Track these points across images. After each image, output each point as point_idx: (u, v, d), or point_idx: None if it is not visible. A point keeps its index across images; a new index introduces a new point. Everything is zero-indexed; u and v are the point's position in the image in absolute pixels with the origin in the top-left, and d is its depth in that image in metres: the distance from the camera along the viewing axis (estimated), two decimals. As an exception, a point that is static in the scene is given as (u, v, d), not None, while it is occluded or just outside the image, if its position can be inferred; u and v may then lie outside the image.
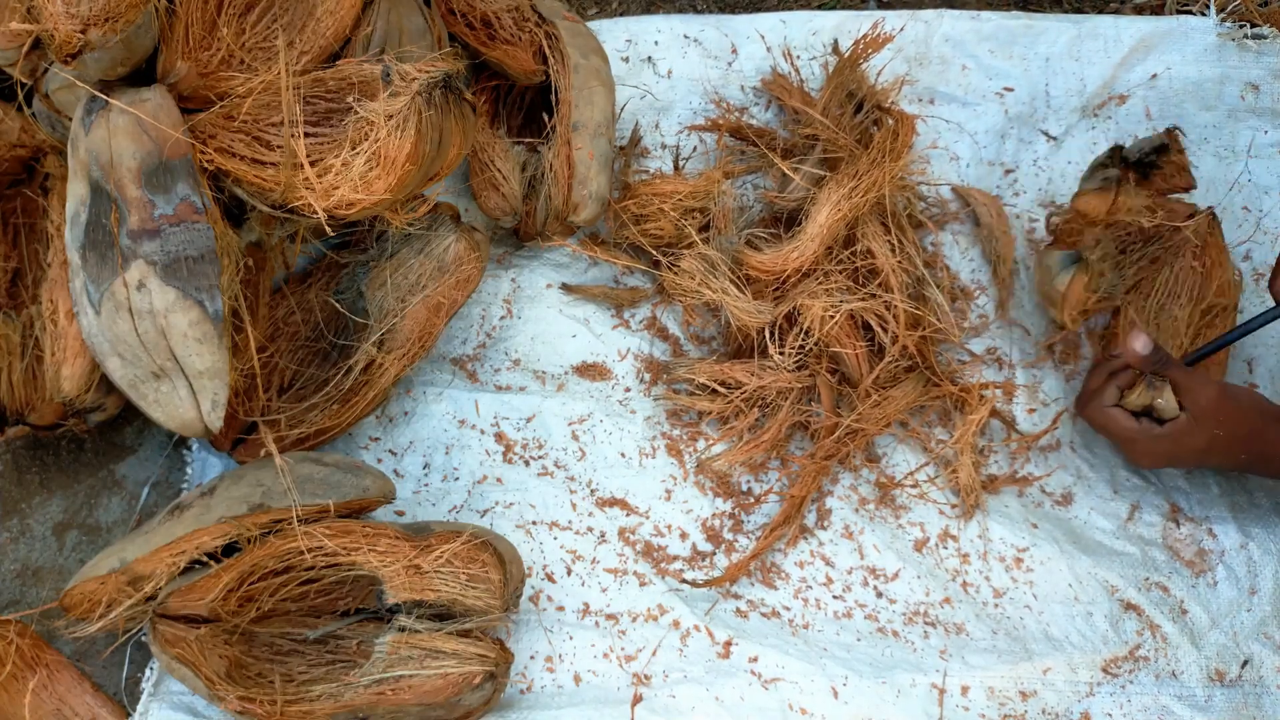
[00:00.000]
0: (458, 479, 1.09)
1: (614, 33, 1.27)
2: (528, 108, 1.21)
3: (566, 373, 1.14)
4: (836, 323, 1.07)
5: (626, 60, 1.26)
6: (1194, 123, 1.25)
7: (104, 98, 0.88)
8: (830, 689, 1.00)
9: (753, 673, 1.00)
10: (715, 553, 1.06)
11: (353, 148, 0.89)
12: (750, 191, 1.21)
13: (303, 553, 0.93)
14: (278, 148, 0.91)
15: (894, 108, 1.17)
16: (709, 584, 1.04)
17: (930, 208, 1.21)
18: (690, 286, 1.09)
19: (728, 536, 1.07)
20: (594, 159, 1.11)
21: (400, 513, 1.07)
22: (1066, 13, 1.35)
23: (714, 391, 1.09)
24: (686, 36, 1.27)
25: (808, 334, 1.08)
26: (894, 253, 1.10)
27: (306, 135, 0.91)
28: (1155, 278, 1.12)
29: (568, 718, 0.97)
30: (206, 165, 0.91)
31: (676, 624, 1.02)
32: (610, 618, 1.03)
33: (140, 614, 0.94)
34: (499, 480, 1.09)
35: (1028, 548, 1.06)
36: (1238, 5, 1.28)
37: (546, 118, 1.13)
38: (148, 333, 0.89)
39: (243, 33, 0.97)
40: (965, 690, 1.00)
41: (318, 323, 1.08)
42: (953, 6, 1.30)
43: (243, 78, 0.95)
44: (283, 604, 0.96)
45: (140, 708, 0.98)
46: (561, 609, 1.03)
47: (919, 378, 1.11)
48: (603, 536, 1.07)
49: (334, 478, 0.95)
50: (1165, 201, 1.12)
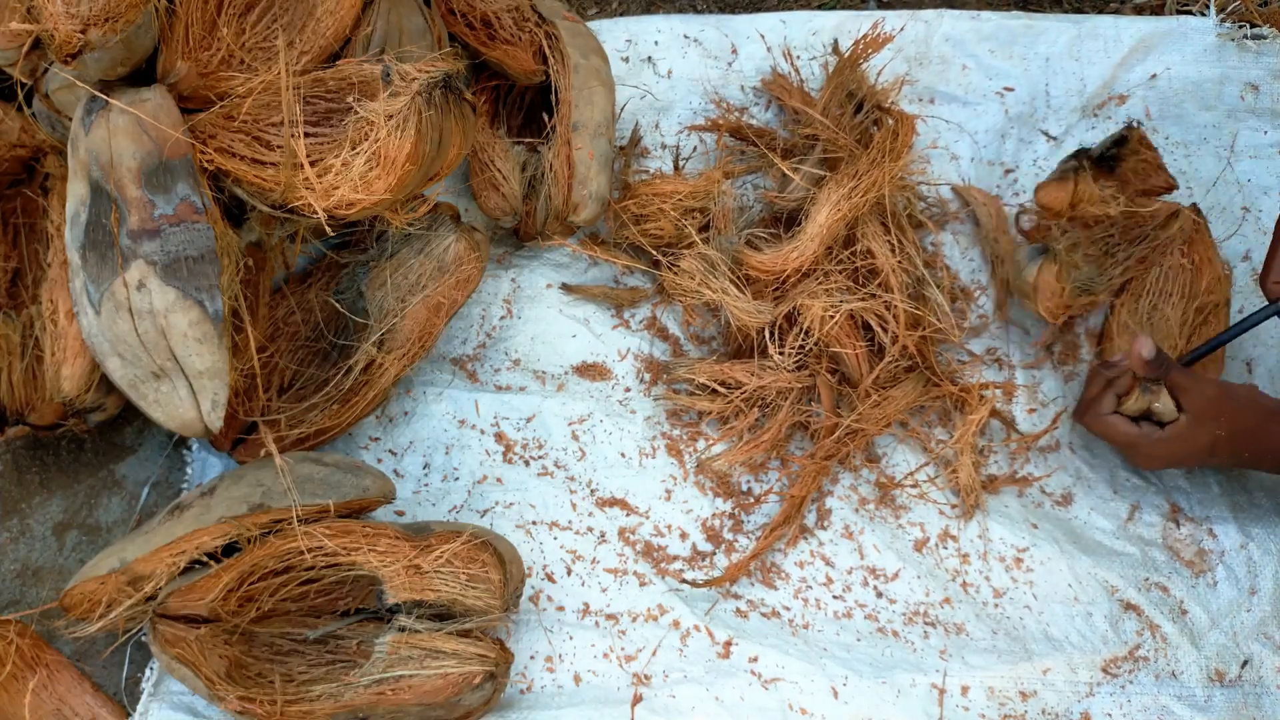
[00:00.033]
0: (458, 479, 1.08)
1: (614, 33, 1.27)
2: (528, 108, 1.21)
3: (566, 373, 1.13)
4: (836, 323, 1.07)
5: (626, 60, 1.26)
6: (1194, 123, 1.25)
7: (104, 98, 0.88)
8: (830, 689, 1.00)
9: (753, 673, 1.00)
10: (715, 553, 1.06)
11: (353, 148, 0.89)
12: (750, 191, 1.21)
13: (303, 553, 0.93)
14: (278, 148, 0.91)
15: (894, 108, 1.17)
16: (709, 584, 1.04)
17: (930, 208, 1.21)
18: (690, 286, 1.09)
19: (728, 536, 1.07)
20: (594, 159, 1.11)
21: (400, 513, 1.07)
22: (1066, 13, 1.35)
23: (714, 391, 1.09)
24: (686, 36, 1.27)
25: (808, 334, 1.08)
26: (894, 253, 1.10)
27: (306, 135, 0.91)
28: (1145, 278, 1.12)
29: (568, 718, 0.97)
30: (206, 165, 0.91)
31: (676, 624, 1.02)
32: (610, 618, 1.03)
33: (140, 614, 0.94)
34: (499, 480, 1.09)
35: (1028, 548, 1.06)
36: (1237, 5, 1.28)
37: (546, 118, 1.13)
38: (148, 333, 0.89)
39: (243, 33, 0.97)
40: (965, 690, 1.00)
41: (318, 323, 1.08)
42: (953, 6, 1.30)
43: (243, 78, 0.95)
44: (283, 604, 0.96)
45: (140, 708, 0.98)
46: (561, 609, 1.03)
47: (919, 378, 1.11)
48: (603, 536, 1.07)
49: (334, 478, 0.95)
50: (1148, 202, 1.13)
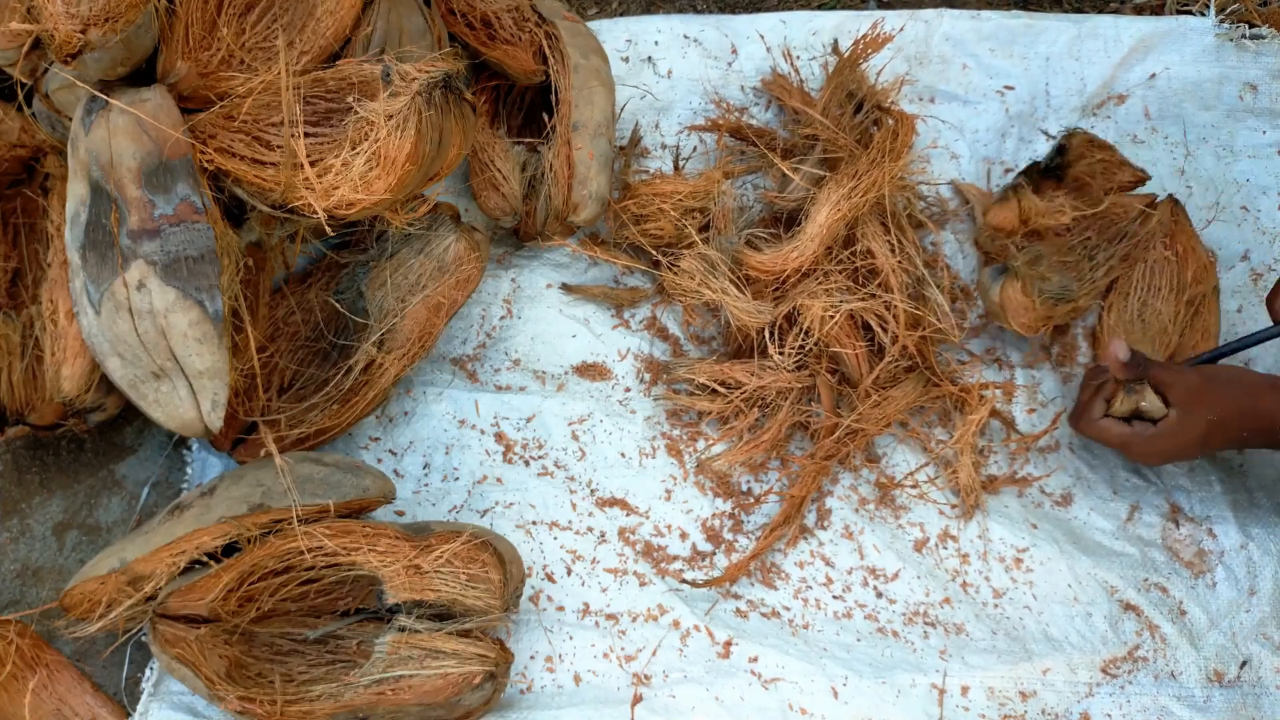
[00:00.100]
0: (458, 479, 1.08)
1: (614, 33, 1.27)
2: (528, 108, 1.21)
3: (566, 373, 1.13)
4: (836, 323, 1.07)
5: (626, 60, 1.26)
6: (1193, 122, 1.25)
7: (104, 98, 0.88)
8: (830, 689, 1.00)
9: (753, 673, 1.00)
10: (715, 553, 1.06)
11: (353, 148, 0.89)
12: (750, 191, 1.21)
13: (303, 553, 0.93)
14: (278, 148, 0.91)
15: (894, 107, 1.17)
16: (709, 584, 1.04)
17: (930, 207, 1.21)
18: (690, 286, 1.09)
19: (728, 536, 1.07)
20: (594, 159, 1.10)
21: (400, 513, 1.07)
22: (1067, 12, 1.35)
23: (714, 391, 1.09)
24: (686, 36, 1.27)
25: (808, 334, 1.08)
26: (894, 253, 1.10)
27: (306, 135, 0.91)
28: (1130, 275, 1.12)
29: (568, 718, 0.97)
30: (206, 165, 0.91)
31: (676, 624, 1.02)
32: (610, 618, 1.03)
33: (140, 614, 0.94)
34: (499, 480, 1.09)
35: (1027, 548, 1.06)
36: (1237, 6, 1.29)
37: (546, 118, 1.13)
38: (148, 333, 0.89)
39: (243, 33, 0.97)
40: (965, 690, 1.00)
41: (318, 323, 1.08)
42: (953, 6, 1.30)
43: (243, 78, 0.95)
44: (283, 604, 0.96)
45: (140, 708, 0.98)
46: (561, 609, 1.03)
47: (919, 378, 1.11)
48: (603, 536, 1.07)
49: (334, 478, 0.95)
50: (1123, 199, 1.13)
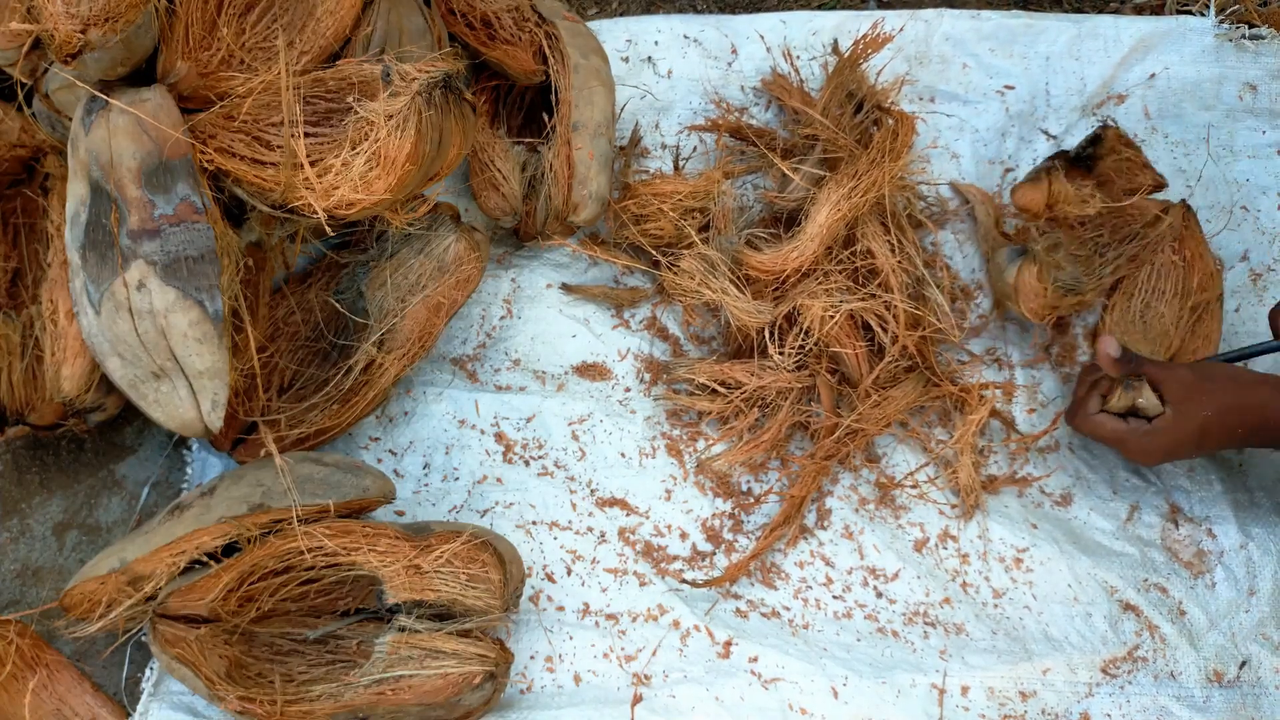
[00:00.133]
0: (458, 479, 1.08)
1: (614, 33, 1.27)
2: (528, 108, 1.21)
3: (566, 373, 1.13)
4: (836, 323, 1.07)
5: (626, 60, 1.26)
6: (1192, 122, 1.25)
7: (104, 98, 0.88)
8: (830, 689, 1.00)
9: (753, 673, 1.00)
10: (715, 553, 1.06)
11: (353, 148, 0.89)
12: (750, 191, 1.21)
13: (303, 553, 0.93)
14: (278, 148, 0.91)
15: (894, 107, 1.17)
16: (709, 584, 1.04)
17: (930, 207, 1.21)
18: (690, 286, 1.09)
19: (728, 536, 1.07)
20: (594, 159, 1.10)
21: (400, 513, 1.07)
22: (1067, 12, 1.35)
23: (714, 391, 1.09)
24: (686, 36, 1.27)
25: (808, 334, 1.08)
26: (894, 253, 1.10)
27: (306, 135, 0.91)
28: (1136, 276, 1.12)
29: (568, 718, 0.97)
30: (206, 165, 0.91)
31: (676, 624, 1.03)
32: (610, 618, 1.03)
33: (140, 614, 0.94)
34: (499, 480, 1.09)
35: (1027, 548, 1.06)
36: (1237, 6, 1.29)
37: (546, 118, 1.13)
38: (148, 333, 0.89)
39: (243, 33, 0.97)
40: (965, 690, 1.00)
41: (318, 323, 1.08)
42: (953, 6, 1.30)
43: (243, 78, 0.95)
44: (283, 604, 0.96)
45: (140, 708, 0.98)
46: (561, 609, 1.03)
47: (919, 378, 1.11)
48: (603, 536, 1.07)
49: (334, 478, 0.95)
50: (1140, 202, 1.13)
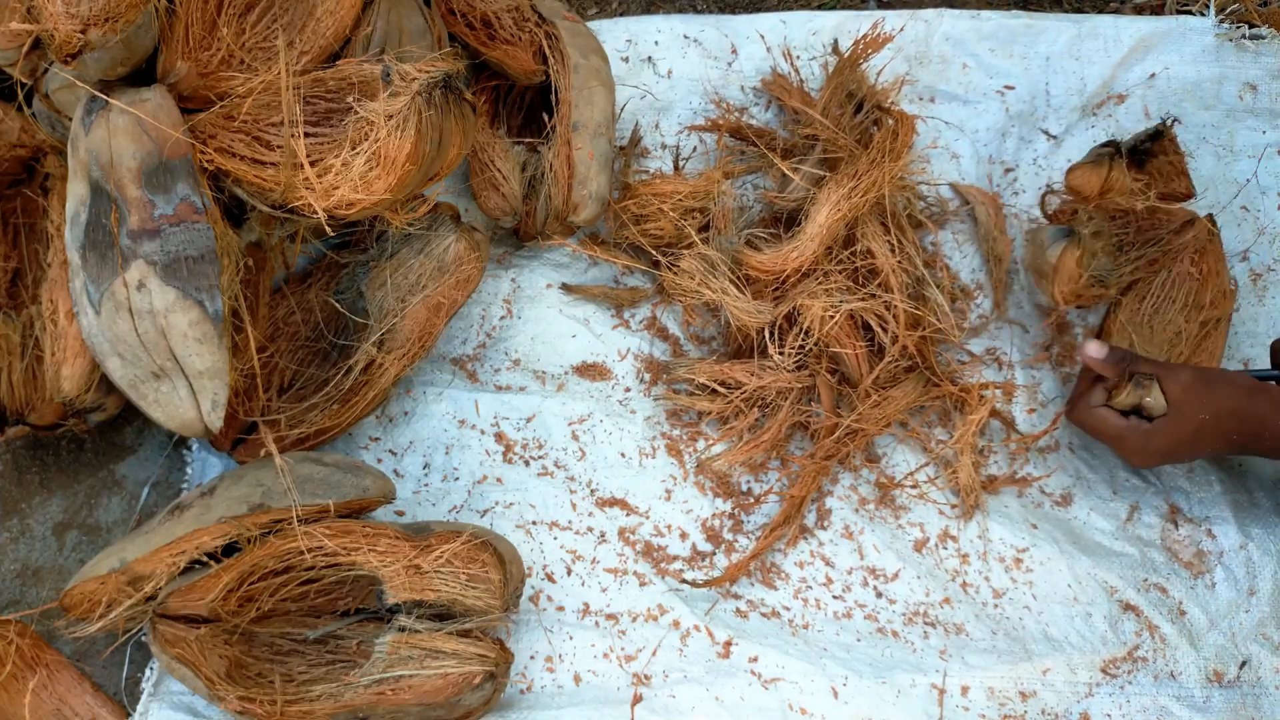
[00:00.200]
0: (458, 479, 1.08)
1: (614, 33, 1.27)
2: (528, 108, 1.21)
3: (566, 373, 1.13)
4: (836, 323, 1.07)
5: (626, 60, 1.26)
6: (1192, 122, 1.25)
7: (104, 98, 0.88)
8: (830, 689, 1.00)
9: (753, 673, 1.00)
10: (715, 553, 1.06)
11: (353, 148, 0.89)
12: (750, 191, 1.21)
13: (303, 553, 0.93)
14: (278, 148, 0.91)
15: (894, 107, 1.17)
16: (709, 584, 1.04)
17: (930, 207, 1.21)
18: (690, 286, 1.09)
19: (728, 536, 1.07)
20: (594, 159, 1.10)
21: (400, 513, 1.07)
22: (1066, 12, 1.35)
23: (714, 391, 1.09)
24: (686, 36, 1.27)
25: (808, 334, 1.08)
26: (894, 253, 1.10)
27: (306, 135, 0.91)
28: (1151, 280, 1.12)
29: (568, 718, 0.97)
30: (206, 165, 0.91)
31: (676, 624, 1.03)
32: (610, 618, 1.03)
33: (140, 614, 0.94)
34: (499, 480, 1.09)
35: (1027, 548, 1.06)
36: (1237, 6, 1.29)
37: (546, 118, 1.13)
38: (148, 333, 0.89)
39: (243, 33, 0.97)
40: (965, 690, 1.00)
41: (318, 323, 1.08)
42: (953, 6, 1.30)
43: (243, 78, 0.95)
44: (283, 604, 0.96)
45: (140, 708, 0.98)
46: (561, 609, 1.03)
47: (919, 378, 1.11)
48: (603, 536, 1.07)
49: (334, 478, 0.95)
50: (1164, 208, 1.12)
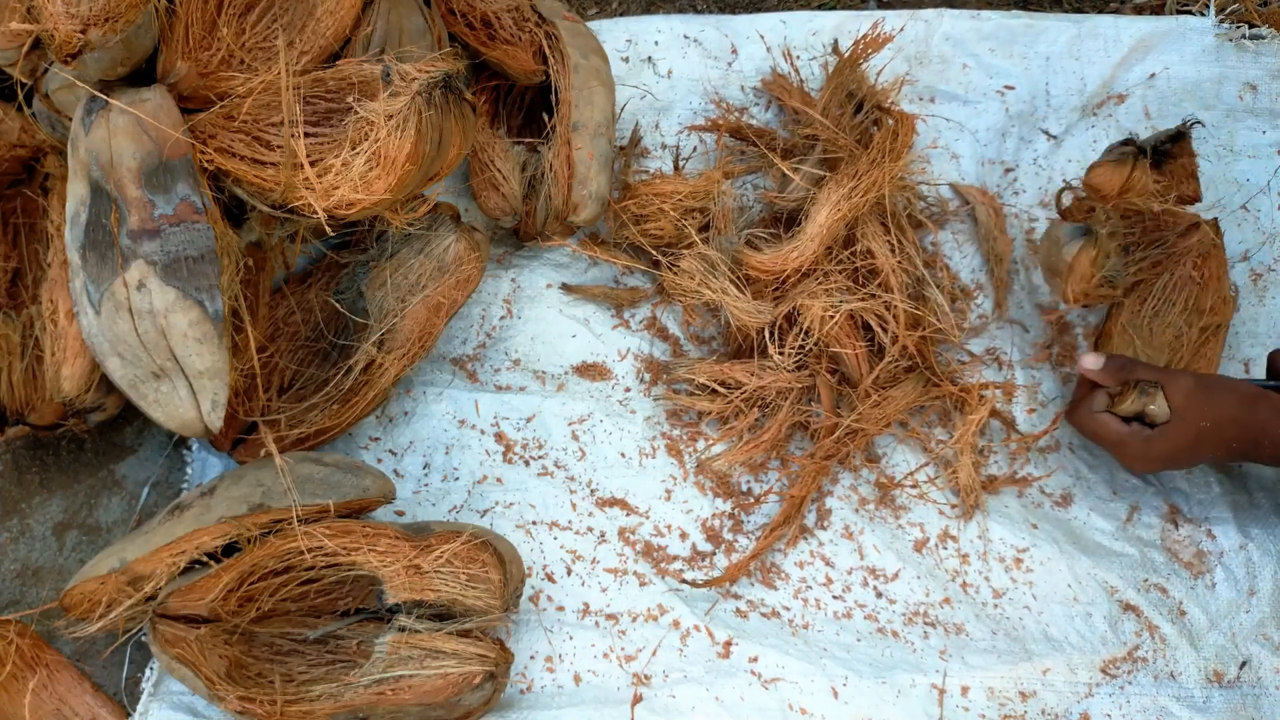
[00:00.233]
0: (458, 479, 1.08)
1: (614, 33, 1.27)
2: (528, 108, 1.21)
3: (566, 373, 1.13)
4: (836, 323, 1.07)
5: (626, 60, 1.26)
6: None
7: (104, 98, 0.88)
8: (830, 689, 1.00)
9: (753, 673, 1.00)
10: (715, 553, 1.06)
11: (353, 148, 0.89)
12: (750, 191, 1.21)
13: (303, 553, 0.93)
14: (278, 148, 0.91)
15: (894, 107, 1.16)
16: (709, 584, 1.04)
17: (930, 207, 1.21)
18: (690, 286, 1.09)
19: (728, 536, 1.07)
20: (594, 159, 1.10)
21: (400, 513, 1.07)
22: (1066, 12, 1.35)
23: (714, 391, 1.09)
24: (686, 36, 1.27)
25: (808, 334, 1.08)
26: (894, 253, 1.10)
27: (306, 135, 0.91)
28: (1154, 283, 1.12)
29: (568, 718, 0.97)
30: (206, 165, 0.91)
31: (676, 624, 1.03)
32: (610, 618, 1.03)
33: (140, 614, 0.94)
34: (499, 480, 1.09)
35: (1027, 548, 1.06)
36: (1237, 6, 1.29)
37: (546, 118, 1.13)
38: (148, 333, 0.89)
39: (243, 33, 0.97)
40: (965, 690, 1.00)
41: (318, 323, 1.08)
42: (953, 6, 1.30)
43: (243, 78, 0.95)
44: (283, 604, 0.96)
45: (140, 708, 0.98)
46: (561, 609, 1.03)
47: (919, 378, 1.11)
48: (603, 536, 1.07)
49: (334, 478, 0.95)
50: (1174, 210, 1.12)
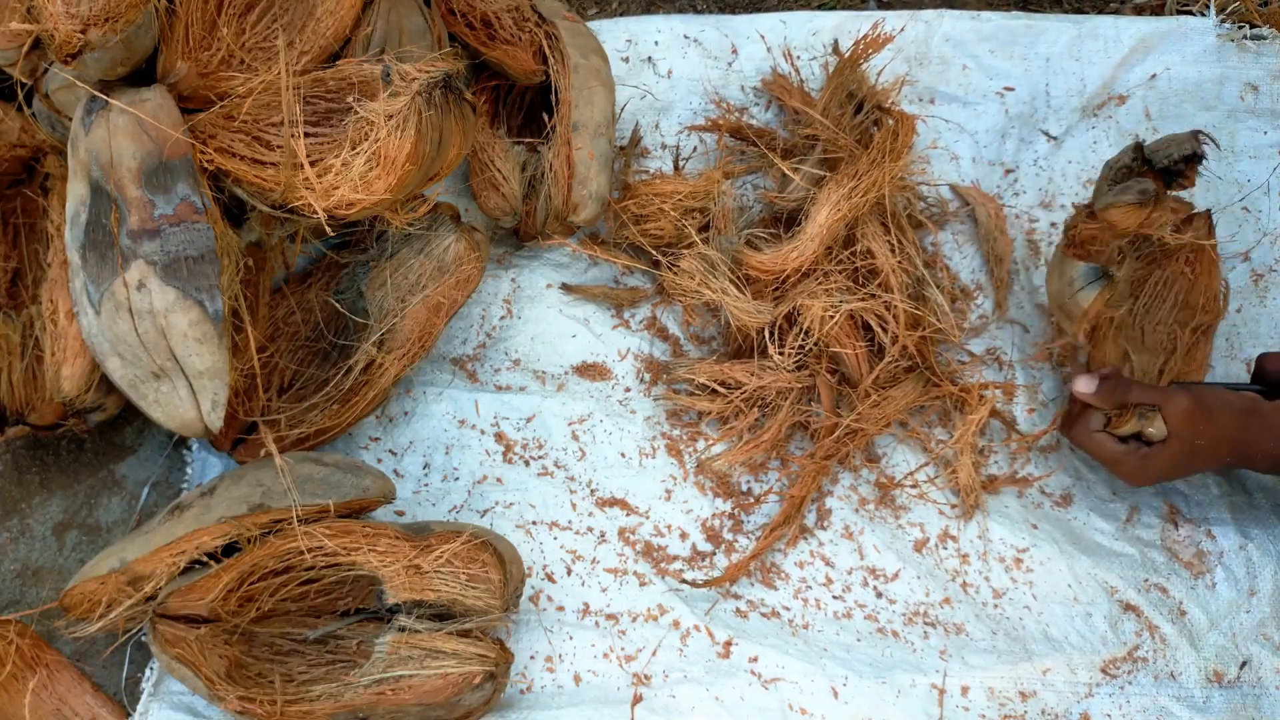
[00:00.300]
0: (458, 479, 1.08)
1: (614, 33, 1.27)
2: (528, 108, 1.21)
3: (566, 373, 1.13)
4: (836, 323, 1.07)
5: (626, 60, 1.26)
6: (1193, 123, 1.25)
7: (104, 98, 0.88)
8: (830, 689, 1.00)
9: (753, 673, 1.00)
10: (715, 553, 1.06)
11: (353, 148, 0.89)
12: (750, 191, 1.21)
13: (303, 553, 0.93)
14: (278, 148, 0.91)
15: (894, 108, 1.16)
16: (709, 584, 1.04)
17: (930, 208, 1.21)
18: (690, 286, 1.09)
19: (728, 536, 1.07)
20: (594, 159, 1.11)
21: (400, 513, 1.07)
22: (1066, 13, 1.35)
23: (714, 391, 1.09)
24: (686, 36, 1.27)
25: (808, 334, 1.08)
26: (894, 253, 1.10)
27: (306, 135, 0.91)
28: (1146, 279, 1.12)
29: (568, 718, 0.97)
30: (206, 165, 0.91)
31: (676, 624, 1.03)
32: (610, 618, 1.03)
33: (140, 614, 0.94)
34: (499, 480, 1.09)
35: (1027, 548, 1.06)
36: (1237, 6, 1.28)
37: (546, 118, 1.13)
38: (148, 333, 0.89)
39: (243, 33, 0.97)
40: (965, 690, 1.00)
41: (318, 323, 1.08)
42: (953, 6, 1.30)
43: (243, 78, 0.95)
44: (283, 604, 0.96)
45: (140, 708, 0.98)
46: (561, 609, 1.03)
47: (919, 378, 1.11)
48: (603, 536, 1.07)
49: (334, 478, 0.95)
50: (1172, 202, 1.11)
